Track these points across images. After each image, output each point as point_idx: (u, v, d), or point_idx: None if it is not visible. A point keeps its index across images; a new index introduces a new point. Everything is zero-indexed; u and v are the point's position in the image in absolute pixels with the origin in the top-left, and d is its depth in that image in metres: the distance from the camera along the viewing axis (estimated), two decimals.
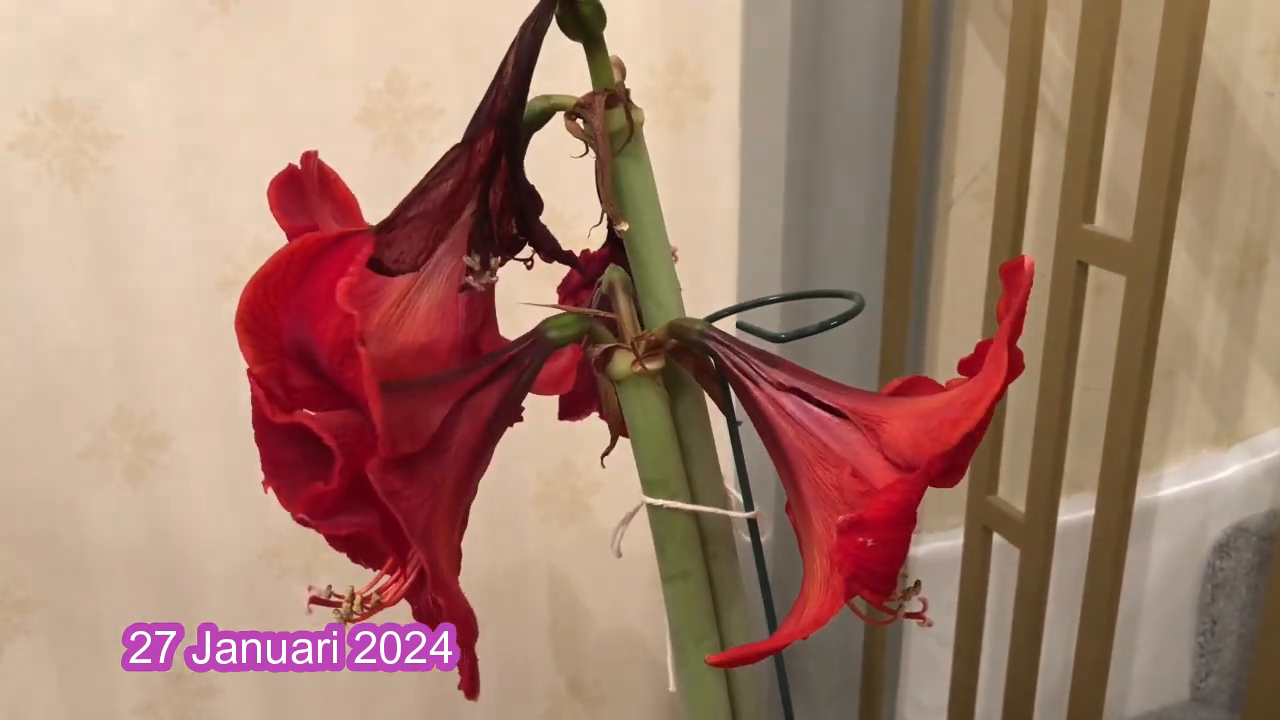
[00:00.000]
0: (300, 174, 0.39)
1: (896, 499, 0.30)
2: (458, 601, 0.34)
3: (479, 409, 0.35)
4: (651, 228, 0.36)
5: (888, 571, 0.31)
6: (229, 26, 0.65)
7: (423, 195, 0.35)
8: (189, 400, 0.71)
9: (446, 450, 0.34)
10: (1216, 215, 0.99)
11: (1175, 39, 0.51)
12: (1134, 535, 1.04)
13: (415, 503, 0.33)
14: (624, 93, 0.36)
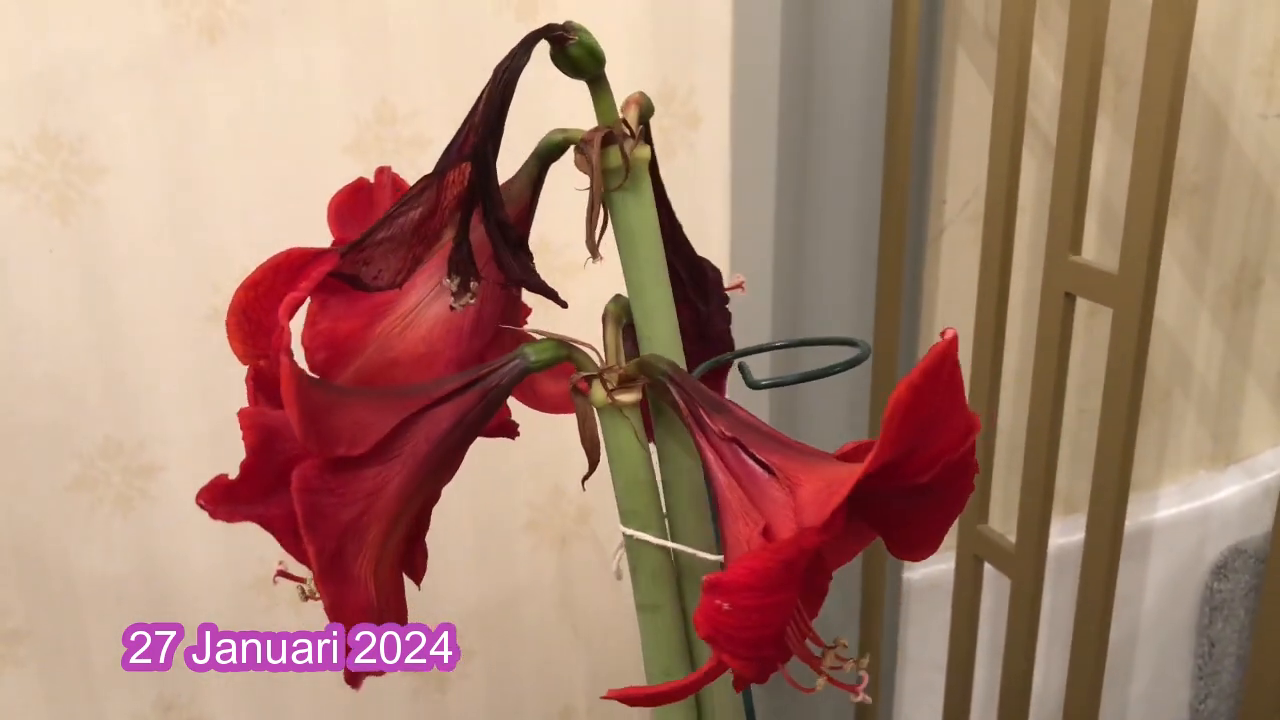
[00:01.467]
0: (371, 187, 0.41)
1: (756, 566, 0.29)
2: (348, 600, 0.35)
3: (437, 421, 0.36)
4: (646, 264, 0.37)
5: (748, 638, 0.30)
6: (216, 58, 0.65)
7: (390, 221, 0.36)
8: (178, 430, 0.71)
9: (395, 457, 0.35)
10: (1211, 237, 0.99)
11: (1160, 68, 0.51)
12: (1131, 556, 1.04)
13: (344, 500, 0.34)
14: (622, 131, 0.37)
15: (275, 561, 0.76)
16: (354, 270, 0.35)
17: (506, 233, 0.36)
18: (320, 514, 0.33)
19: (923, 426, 0.30)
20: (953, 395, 0.30)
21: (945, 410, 0.30)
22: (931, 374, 0.29)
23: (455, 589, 0.80)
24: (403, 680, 0.81)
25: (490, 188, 0.36)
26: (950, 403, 0.30)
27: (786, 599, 0.30)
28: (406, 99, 0.69)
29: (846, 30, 0.71)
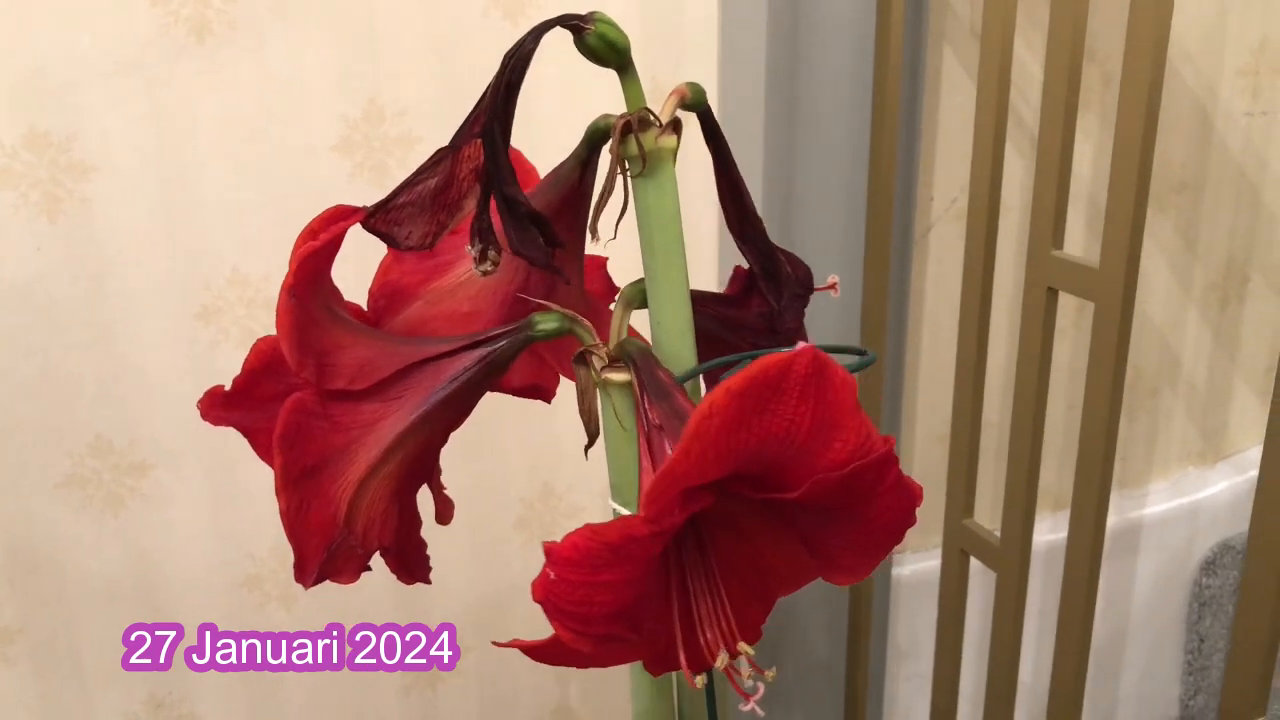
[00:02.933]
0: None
1: (579, 543, 0.31)
2: (310, 513, 0.37)
3: (437, 372, 0.39)
4: (661, 251, 0.38)
5: (575, 612, 0.32)
6: (205, 57, 0.65)
7: (410, 187, 0.39)
8: (169, 428, 0.71)
9: (394, 399, 0.38)
10: (1198, 235, 0.99)
11: (1139, 63, 0.52)
12: (1121, 553, 1.05)
13: (337, 427, 0.38)
14: (639, 120, 0.38)
15: (267, 559, 0.77)
16: (387, 229, 0.38)
17: (513, 207, 0.37)
18: (304, 434, 0.37)
19: (769, 439, 0.30)
20: (821, 411, 0.30)
21: (808, 425, 0.30)
22: (767, 385, 0.29)
23: (447, 586, 0.81)
24: (394, 677, 0.82)
25: (498, 164, 0.37)
26: (820, 418, 0.30)
27: (615, 581, 0.31)
28: (395, 98, 0.70)
29: (831, 29, 0.71)
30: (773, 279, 0.43)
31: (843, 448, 0.31)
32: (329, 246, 0.38)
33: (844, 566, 0.35)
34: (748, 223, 0.43)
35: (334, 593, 0.77)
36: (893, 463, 0.32)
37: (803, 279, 0.44)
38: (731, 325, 0.45)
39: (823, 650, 0.85)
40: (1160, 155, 0.95)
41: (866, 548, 0.34)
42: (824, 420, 0.30)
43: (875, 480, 0.32)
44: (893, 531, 0.34)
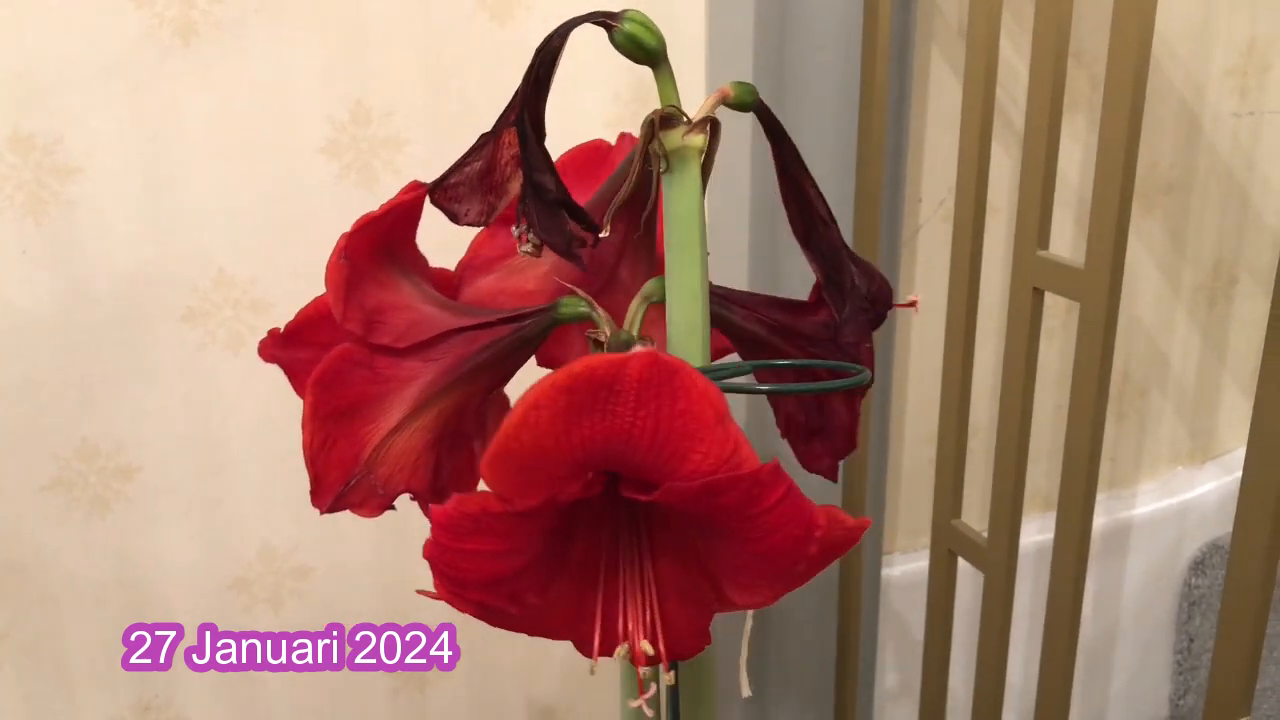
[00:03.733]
0: (609, 149, 0.46)
1: (446, 510, 0.33)
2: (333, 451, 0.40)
3: (470, 341, 0.41)
4: (679, 249, 0.39)
5: (448, 575, 0.34)
6: (191, 59, 0.65)
7: (460, 168, 0.41)
8: (155, 431, 0.71)
9: (432, 360, 0.41)
10: (1186, 235, 1.00)
11: (1122, 63, 0.52)
12: (1110, 553, 1.05)
13: (377, 378, 0.41)
14: (662, 117, 0.39)
15: (254, 561, 0.77)
16: (448, 205, 0.41)
17: (541, 193, 0.39)
18: (342, 379, 0.40)
19: (613, 439, 0.31)
20: (667, 419, 0.30)
21: (652, 431, 0.31)
22: (598, 385, 0.30)
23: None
24: (383, 679, 0.81)
25: (529, 152, 0.39)
26: (669, 426, 0.31)
27: (479, 551, 0.34)
28: (382, 100, 0.70)
29: (819, 31, 0.71)
30: (836, 288, 0.42)
31: (703, 460, 0.31)
32: (386, 216, 0.41)
33: (741, 585, 0.35)
34: (812, 225, 0.41)
35: (322, 595, 0.77)
36: (769, 486, 0.31)
37: (875, 293, 0.42)
38: (786, 332, 0.44)
39: (812, 650, 0.85)
40: (1148, 156, 0.95)
41: (760, 571, 0.34)
42: (674, 429, 0.31)
43: (747, 499, 0.32)
44: (787, 559, 0.33)
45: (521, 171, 0.39)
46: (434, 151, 0.72)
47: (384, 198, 0.72)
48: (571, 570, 0.37)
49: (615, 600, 0.36)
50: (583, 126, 0.75)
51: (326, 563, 0.77)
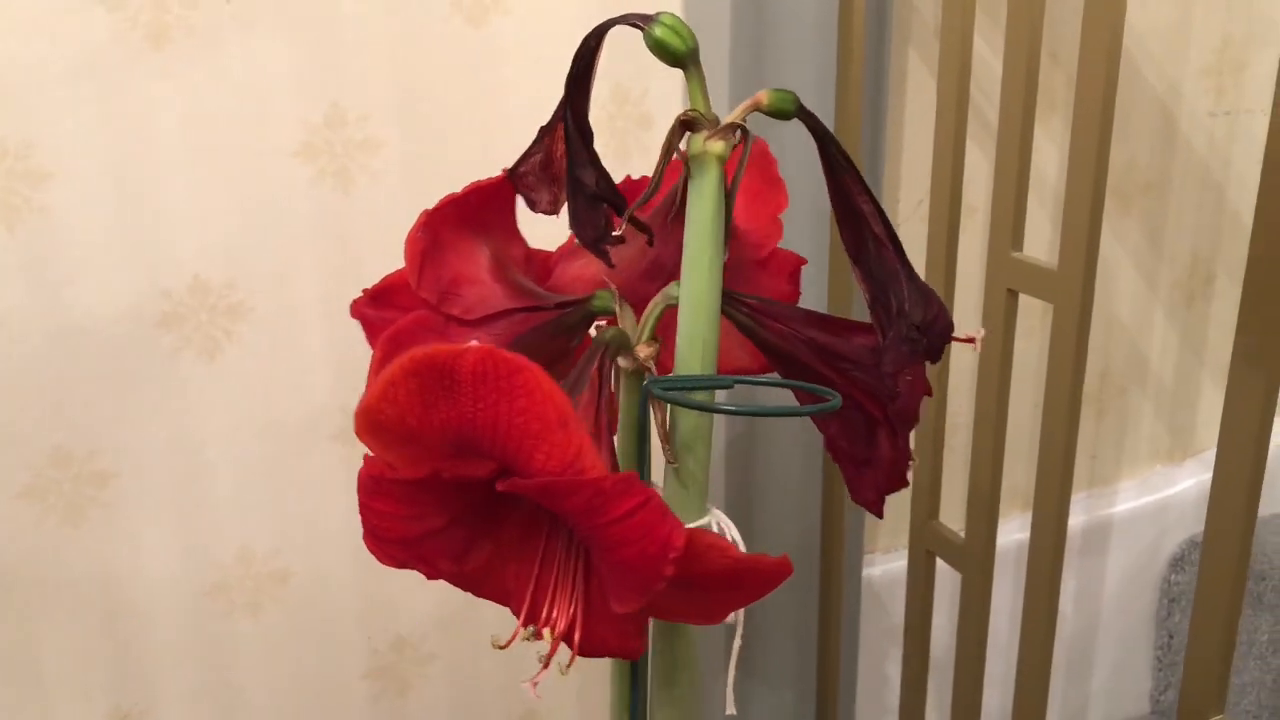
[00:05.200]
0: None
1: (362, 469, 0.36)
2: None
3: (521, 322, 0.44)
4: (693, 254, 0.39)
5: (367, 527, 0.37)
6: (162, 63, 0.65)
7: (526, 158, 0.43)
8: (130, 437, 0.70)
9: (494, 334, 0.44)
10: (1163, 234, 1.00)
11: (1093, 64, 0.52)
12: (1090, 550, 1.05)
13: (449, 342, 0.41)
14: (683, 122, 0.39)
15: (232, 566, 0.76)
16: (525, 194, 0.43)
17: (579, 188, 0.40)
18: (414, 340, 0.42)
19: (463, 427, 0.32)
20: (505, 416, 0.32)
21: (490, 424, 0.32)
22: (437, 372, 0.31)
23: (415, 591, 0.80)
24: (363, 684, 0.81)
25: (572, 147, 0.40)
26: (507, 423, 0.32)
27: (384, 511, 0.37)
28: (356, 103, 0.70)
29: (795, 34, 0.71)
30: (884, 310, 0.40)
31: (546, 460, 0.32)
32: (469, 197, 0.43)
33: (610, 590, 0.35)
34: (862, 242, 0.40)
35: (302, 599, 0.77)
36: (613, 497, 0.32)
37: (929, 322, 0.40)
38: (825, 353, 0.42)
39: (793, 648, 0.85)
40: (1125, 156, 0.96)
41: (621, 581, 0.35)
42: (515, 425, 0.32)
43: (590, 507, 0.32)
44: (641, 574, 0.33)
45: None
46: (410, 154, 0.71)
47: (360, 201, 0.72)
48: (505, 546, 0.38)
49: (547, 583, 0.37)
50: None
51: (306, 567, 0.77)
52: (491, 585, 0.39)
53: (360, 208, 0.71)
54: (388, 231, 0.72)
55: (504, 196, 0.44)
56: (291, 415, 0.73)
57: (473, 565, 0.38)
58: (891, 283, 0.40)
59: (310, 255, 0.71)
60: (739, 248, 0.46)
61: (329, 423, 0.74)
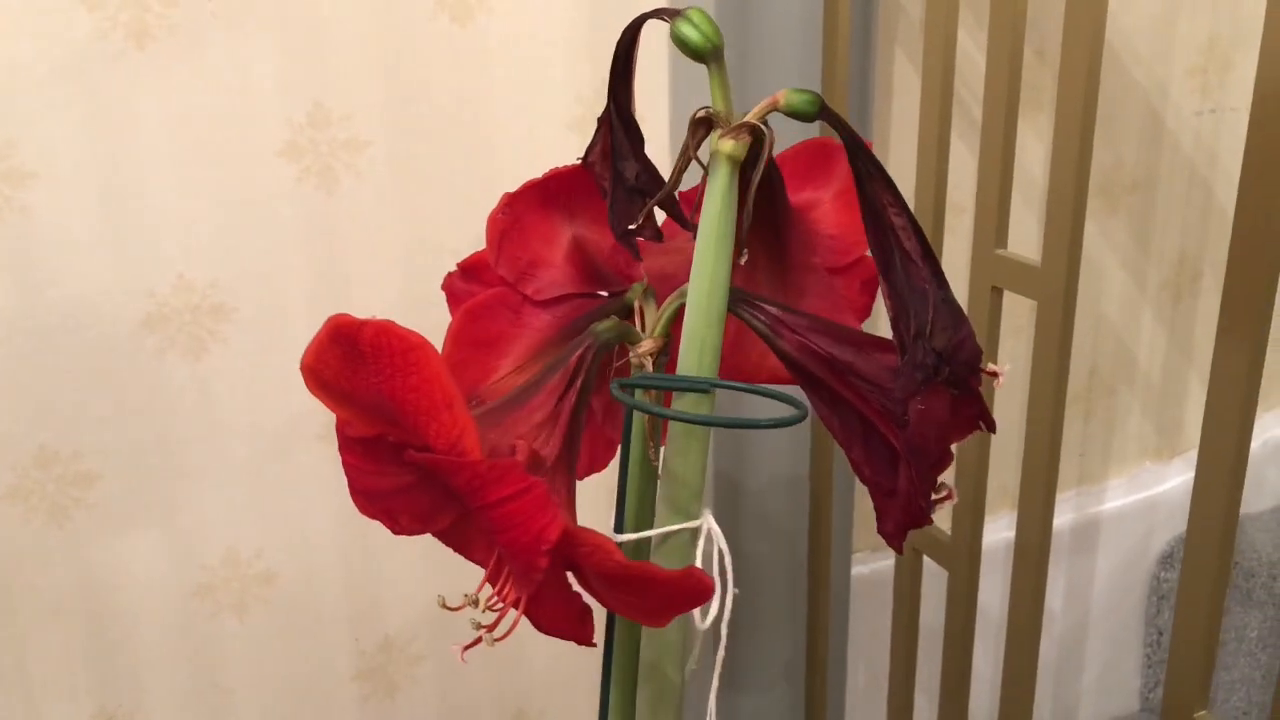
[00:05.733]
0: (836, 149, 0.46)
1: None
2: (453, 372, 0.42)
3: (578, 307, 0.45)
4: (700, 254, 0.38)
5: (346, 474, 0.38)
6: (145, 63, 0.65)
7: (591, 148, 0.43)
8: (115, 438, 0.70)
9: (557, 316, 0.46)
10: (1151, 233, 1.00)
11: (1075, 62, 0.52)
12: (1079, 548, 1.06)
13: (512, 322, 0.45)
14: (698, 120, 0.39)
15: (218, 568, 0.76)
16: (597, 183, 0.43)
17: (619, 180, 0.41)
18: (489, 314, 0.45)
19: (373, 397, 0.34)
20: (400, 391, 0.33)
21: (389, 397, 0.33)
22: (345, 340, 0.33)
23: (405, 592, 0.80)
24: (351, 686, 0.81)
25: (615, 139, 0.41)
26: (402, 399, 0.33)
27: (349, 463, 0.38)
28: (341, 102, 0.69)
29: (780, 32, 0.71)
30: (903, 328, 0.37)
31: (436, 438, 0.33)
32: (548, 182, 0.45)
33: (513, 572, 0.37)
34: (889, 255, 0.37)
35: (288, 600, 0.77)
36: (489, 482, 0.33)
37: (952, 350, 0.36)
38: (841, 368, 0.40)
39: (783, 647, 0.85)
40: (1112, 155, 0.96)
41: (511, 564, 0.35)
42: (409, 401, 0.33)
43: (470, 489, 0.33)
44: (520, 561, 0.34)
45: None
46: (395, 153, 0.71)
47: (345, 200, 0.72)
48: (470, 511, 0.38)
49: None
50: (544, 125, 0.75)
51: (292, 568, 0.77)
52: (463, 547, 0.41)
53: (344, 207, 0.71)
54: (372, 231, 0.72)
55: (588, 183, 0.44)
56: (276, 415, 0.73)
57: (440, 526, 0.39)
58: (916, 302, 0.37)
59: (294, 255, 0.71)
60: (821, 251, 0.44)
61: (314, 422, 0.74)
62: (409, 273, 0.74)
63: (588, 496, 0.45)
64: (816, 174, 0.46)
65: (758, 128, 0.38)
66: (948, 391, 0.37)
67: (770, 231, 0.44)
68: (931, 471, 0.39)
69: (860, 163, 0.37)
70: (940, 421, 0.37)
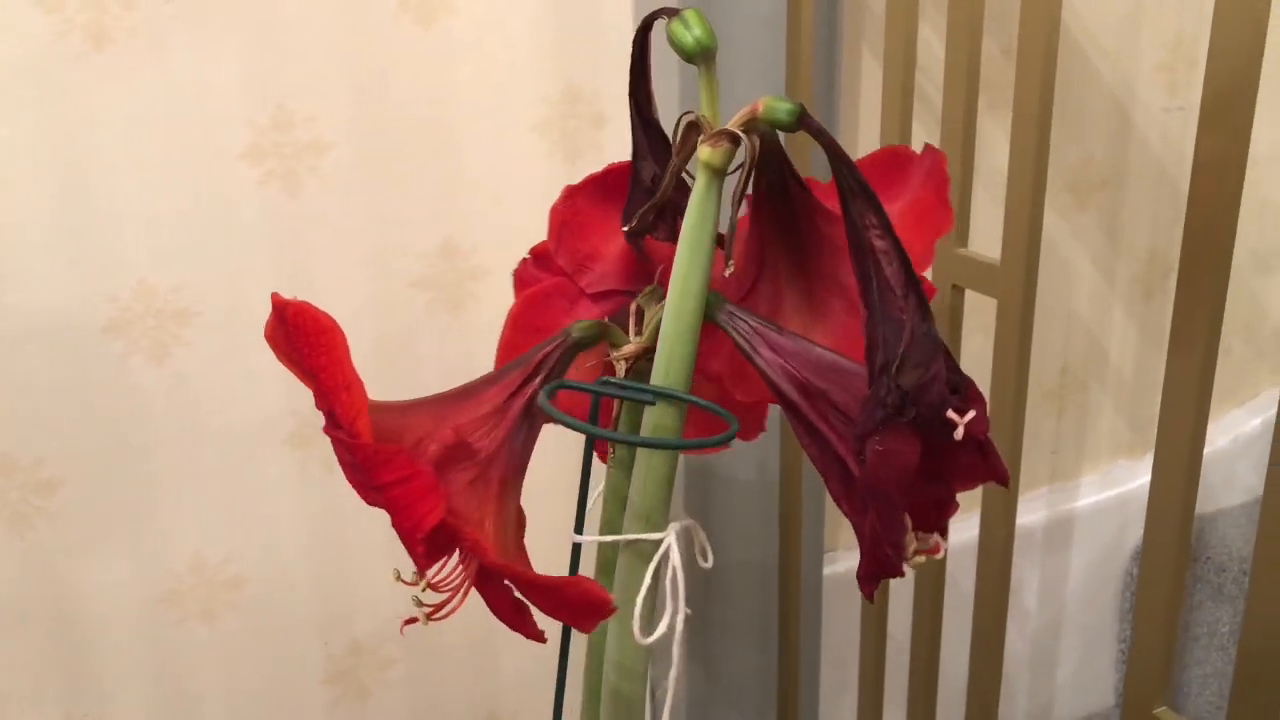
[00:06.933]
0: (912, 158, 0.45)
1: None
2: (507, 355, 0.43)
3: (618, 302, 0.45)
4: (678, 262, 0.38)
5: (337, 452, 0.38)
6: (104, 65, 0.64)
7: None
8: (78, 444, 0.69)
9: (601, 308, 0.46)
10: (1120, 229, 1.01)
11: (1031, 65, 0.52)
12: (1053, 545, 1.06)
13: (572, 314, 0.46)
14: (684, 125, 0.39)
15: (185, 574, 0.75)
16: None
17: (636, 181, 0.42)
18: (546, 303, 0.46)
19: (305, 369, 0.36)
20: (310, 364, 0.36)
21: (307, 371, 0.36)
22: (277, 314, 0.36)
23: (374, 595, 0.80)
24: (321, 691, 0.80)
25: (635, 138, 0.42)
26: (314, 374, 0.36)
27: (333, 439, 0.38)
28: (304, 104, 0.69)
29: (742, 33, 0.71)
30: (869, 349, 0.34)
31: (340, 417, 0.35)
32: (606, 177, 0.46)
33: None
34: (868, 281, 0.35)
35: (256, 605, 0.76)
36: (375, 465, 0.34)
37: (917, 391, 0.33)
38: (814, 396, 0.38)
39: (754, 647, 0.85)
40: (1081, 152, 0.96)
41: (403, 543, 0.37)
42: (321, 380, 0.36)
43: (362, 470, 0.35)
44: (406, 544, 0.36)
45: None
46: (360, 155, 0.71)
47: (310, 203, 0.71)
48: None
49: None
50: (509, 127, 0.74)
51: (261, 573, 0.76)
52: None
53: (309, 210, 0.71)
54: (337, 233, 0.72)
55: (613, 179, 0.46)
56: (243, 420, 0.73)
57: None
58: (890, 334, 0.34)
59: (259, 258, 0.71)
60: None
61: (281, 427, 0.74)
62: (374, 275, 0.73)
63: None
64: (885, 185, 0.42)
65: (737, 135, 0.37)
66: (914, 434, 0.33)
67: (793, 245, 0.42)
68: (898, 518, 0.35)
69: (844, 178, 0.36)
70: (904, 466, 0.34)
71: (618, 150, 0.81)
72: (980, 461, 0.35)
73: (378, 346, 0.75)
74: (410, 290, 0.74)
